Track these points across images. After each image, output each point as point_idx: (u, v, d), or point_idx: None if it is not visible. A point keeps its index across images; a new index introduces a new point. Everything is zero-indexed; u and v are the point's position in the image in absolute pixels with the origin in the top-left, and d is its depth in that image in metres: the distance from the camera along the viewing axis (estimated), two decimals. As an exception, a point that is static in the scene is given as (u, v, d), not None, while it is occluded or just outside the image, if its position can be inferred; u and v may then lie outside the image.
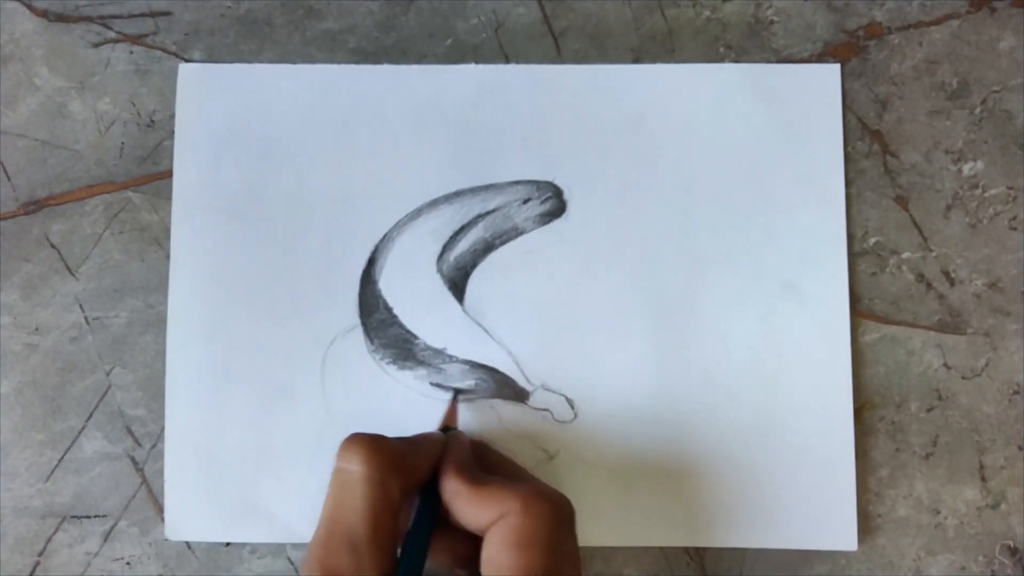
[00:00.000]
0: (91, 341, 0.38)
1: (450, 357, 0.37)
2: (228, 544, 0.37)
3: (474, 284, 0.37)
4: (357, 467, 0.28)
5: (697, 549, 0.36)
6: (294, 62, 0.39)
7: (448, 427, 0.35)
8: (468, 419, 0.37)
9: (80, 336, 0.38)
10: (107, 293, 0.38)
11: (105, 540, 0.37)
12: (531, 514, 0.29)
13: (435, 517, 0.31)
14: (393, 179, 0.38)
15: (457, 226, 0.38)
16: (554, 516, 0.29)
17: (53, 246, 0.38)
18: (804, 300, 0.37)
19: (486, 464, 0.34)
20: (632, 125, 0.38)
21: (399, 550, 0.30)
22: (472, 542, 0.30)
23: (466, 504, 0.30)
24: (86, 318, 0.38)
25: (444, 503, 0.31)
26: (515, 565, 0.28)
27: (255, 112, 0.38)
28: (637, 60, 0.39)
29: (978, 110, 0.38)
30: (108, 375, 0.38)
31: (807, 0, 0.39)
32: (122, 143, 0.39)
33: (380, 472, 0.28)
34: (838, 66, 0.38)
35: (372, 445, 0.29)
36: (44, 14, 0.39)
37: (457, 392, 0.37)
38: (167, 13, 0.39)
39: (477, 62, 0.39)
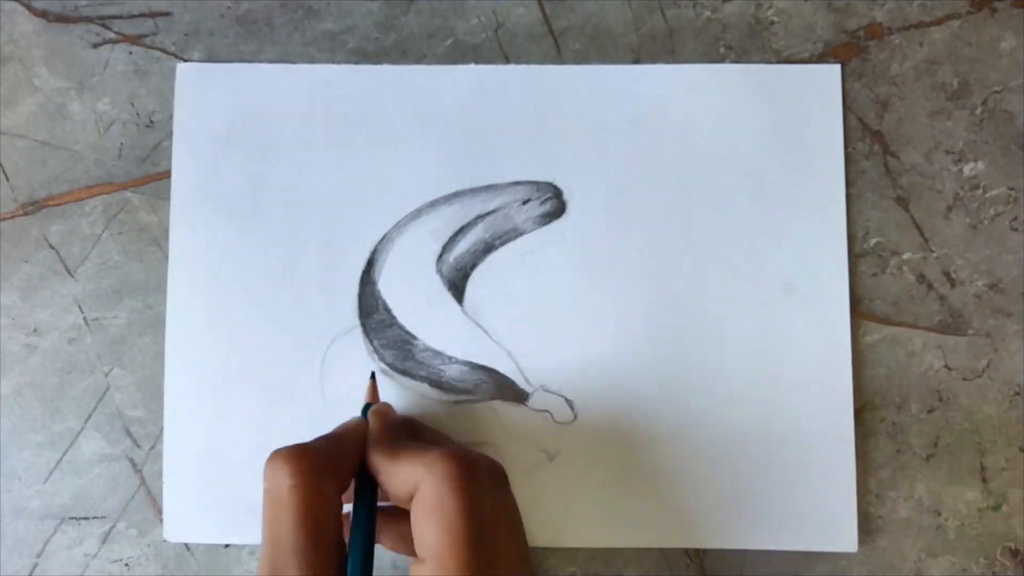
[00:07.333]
0: (90, 342, 0.38)
1: (449, 358, 0.37)
2: (227, 545, 0.37)
3: (474, 285, 0.37)
4: (285, 480, 0.27)
5: (697, 550, 0.36)
6: (294, 62, 0.39)
7: (369, 404, 0.34)
8: (467, 422, 0.37)
9: (79, 337, 0.38)
10: (106, 294, 0.38)
11: (104, 541, 0.37)
12: (438, 478, 0.27)
13: (374, 500, 0.30)
14: (393, 179, 0.38)
15: (457, 227, 0.38)
16: (466, 476, 0.27)
17: (52, 247, 0.38)
18: (804, 301, 0.37)
19: (419, 439, 0.33)
20: (632, 125, 0.38)
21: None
22: None
23: (387, 478, 0.29)
24: (85, 319, 0.38)
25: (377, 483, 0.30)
26: (435, 535, 0.26)
27: (255, 112, 0.38)
28: (637, 60, 0.39)
29: (979, 110, 0.38)
30: (107, 376, 0.37)
31: (807, 0, 0.39)
32: (121, 143, 0.39)
33: (307, 478, 0.27)
34: (838, 66, 0.38)
35: (293, 455, 0.28)
36: (43, 14, 0.39)
37: (374, 373, 0.36)
38: (167, 13, 0.39)
39: (477, 62, 0.39)
